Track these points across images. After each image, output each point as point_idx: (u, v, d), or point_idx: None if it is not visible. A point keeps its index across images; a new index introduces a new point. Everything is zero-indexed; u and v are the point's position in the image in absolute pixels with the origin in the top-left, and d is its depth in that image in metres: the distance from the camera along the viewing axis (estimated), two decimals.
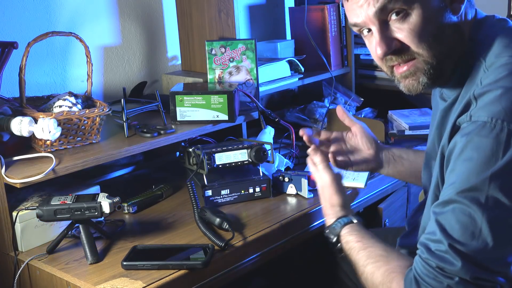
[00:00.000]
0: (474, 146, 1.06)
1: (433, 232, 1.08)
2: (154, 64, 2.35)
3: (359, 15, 1.19)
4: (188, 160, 1.96)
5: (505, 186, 1.02)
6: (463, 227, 1.04)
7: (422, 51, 1.18)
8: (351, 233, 1.30)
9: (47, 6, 2.00)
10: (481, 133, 1.05)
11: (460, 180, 1.06)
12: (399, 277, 1.12)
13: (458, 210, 1.05)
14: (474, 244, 1.03)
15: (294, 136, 2.16)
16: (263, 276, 2.12)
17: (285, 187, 1.88)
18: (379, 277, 1.16)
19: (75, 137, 1.72)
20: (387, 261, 1.18)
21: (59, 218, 1.52)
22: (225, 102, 1.91)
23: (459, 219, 1.04)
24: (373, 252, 1.21)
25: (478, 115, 1.08)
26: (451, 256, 1.04)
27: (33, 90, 1.95)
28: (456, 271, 1.03)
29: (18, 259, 1.56)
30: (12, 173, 1.55)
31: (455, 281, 1.03)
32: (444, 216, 1.06)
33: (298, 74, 2.37)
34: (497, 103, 1.07)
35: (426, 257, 1.07)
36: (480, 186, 1.03)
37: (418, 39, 1.17)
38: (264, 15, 2.68)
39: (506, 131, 1.03)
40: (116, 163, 2.15)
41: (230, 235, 1.58)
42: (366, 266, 1.20)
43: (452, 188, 1.06)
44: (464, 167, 1.06)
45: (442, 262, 1.04)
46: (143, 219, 1.77)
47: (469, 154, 1.06)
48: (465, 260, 1.03)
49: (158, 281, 1.40)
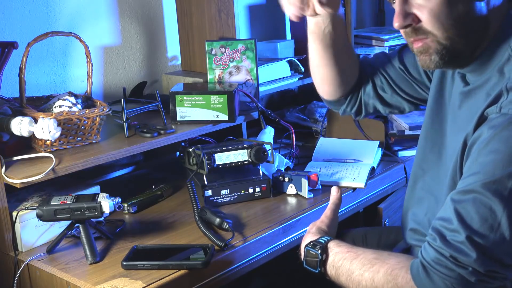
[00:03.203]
0: (502, 139, 1.04)
1: (449, 220, 1.07)
2: (154, 64, 2.35)
3: None
4: (188, 160, 1.96)
5: None
6: (482, 219, 1.03)
7: (437, 31, 1.16)
8: (339, 244, 1.27)
9: (47, 6, 2.00)
10: (510, 127, 1.04)
11: (484, 171, 1.04)
12: (402, 272, 1.12)
13: (479, 201, 1.04)
14: (492, 237, 1.02)
15: (294, 136, 2.16)
16: (263, 276, 2.12)
17: (285, 187, 1.88)
18: (381, 279, 1.14)
19: (75, 137, 1.72)
20: (383, 262, 1.16)
21: (59, 218, 1.52)
22: (225, 102, 1.91)
23: (479, 210, 1.03)
24: (366, 258, 1.19)
25: (508, 108, 1.06)
26: (467, 247, 1.03)
27: (33, 90, 1.95)
28: (470, 262, 1.03)
29: (18, 259, 1.56)
30: (12, 173, 1.55)
31: (468, 271, 1.03)
32: (464, 205, 1.05)
33: (298, 74, 2.37)
34: None
35: (439, 245, 1.06)
36: (505, 180, 1.02)
37: (436, 19, 1.15)
38: (264, 15, 2.68)
39: None
40: (116, 163, 2.15)
41: (230, 235, 1.58)
42: (363, 274, 1.17)
43: (475, 178, 1.05)
44: (490, 159, 1.05)
45: (457, 252, 1.04)
46: (143, 219, 1.77)
47: (496, 146, 1.04)
48: (480, 252, 1.02)
49: (158, 281, 1.41)
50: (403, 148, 2.26)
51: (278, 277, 2.12)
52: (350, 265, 1.20)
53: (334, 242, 1.28)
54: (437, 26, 1.16)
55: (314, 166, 2.07)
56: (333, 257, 1.25)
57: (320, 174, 1.94)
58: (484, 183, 1.04)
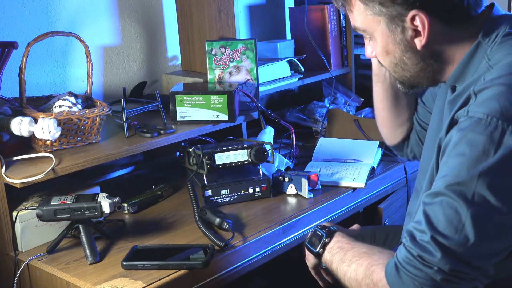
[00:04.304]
0: (468, 142, 1.07)
1: (419, 221, 1.10)
2: (154, 64, 2.35)
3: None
4: (188, 160, 1.96)
5: (493, 185, 1.04)
6: (448, 221, 1.05)
7: (388, 68, 1.30)
8: (343, 235, 1.32)
9: (47, 6, 2.00)
10: (475, 130, 1.07)
11: (450, 174, 1.07)
12: (379, 269, 1.15)
13: (446, 203, 1.06)
14: (456, 238, 1.04)
15: (294, 136, 2.16)
16: (263, 276, 2.12)
17: (285, 187, 1.88)
18: (361, 272, 1.18)
19: (75, 137, 1.72)
20: (369, 256, 1.20)
21: (59, 218, 1.52)
22: (225, 102, 1.91)
23: (445, 212, 1.06)
24: (358, 251, 1.23)
25: (475, 111, 1.09)
26: (432, 247, 1.05)
27: (33, 90, 1.95)
28: (435, 261, 1.05)
29: (18, 259, 1.56)
30: (12, 173, 1.55)
31: (434, 270, 1.05)
32: (432, 207, 1.08)
33: (298, 74, 2.37)
34: (494, 101, 1.08)
35: (409, 245, 1.09)
36: (468, 182, 1.05)
37: (383, 62, 1.29)
38: (264, 15, 2.68)
39: (500, 130, 1.05)
40: (116, 163, 2.15)
41: (230, 235, 1.58)
42: (350, 265, 1.22)
43: (443, 181, 1.08)
44: (456, 162, 1.07)
45: (423, 251, 1.06)
46: (143, 219, 1.77)
47: (462, 149, 1.07)
48: (444, 252, 1.05)
49: (158, 281, 1.41)
50: None
51: (278, 277, 2.12)
52: (343, 255, 1.25)
53: (341, 233, 1.34)
54: (387, 66, 1.29)
55: (314, 166, 2.07)
56: (333, 243, 1.30)
57: (320, 174, 1.94)
58: (450, 185, 1.06)
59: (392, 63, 1.27)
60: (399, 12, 1.18)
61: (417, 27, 1.19)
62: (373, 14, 1.21)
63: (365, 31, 1.26)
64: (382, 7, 1.19)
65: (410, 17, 1.18)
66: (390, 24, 1.21)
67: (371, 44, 1.30)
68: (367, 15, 1.23)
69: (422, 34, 1.19)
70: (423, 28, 1.18)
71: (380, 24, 1.22)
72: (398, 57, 1.24)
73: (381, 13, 1.20)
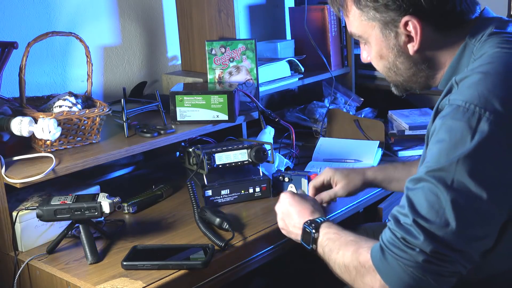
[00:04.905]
0: (447, 129, 1.10)
1: (403, 206, 1.13)
2: (154, 64, 2.35)
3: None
4: (188, 160, 1.96)
5: (471, 171, 1.06)
6: (429, 205, 1.08)
7: (382, 72, 1.33)
8: (330, 226, 1.36)
9: (47, 6, 2.00)
10: (454, 116, 1.10)
11: (431, 160, 1.11)
12: (365, 251, 1.19)
13: (427, 188, 1.09)
14: (437, 222, 1.07)
15: (294, 136, 2.16)
16: (263, 276, 2.12)
17: (285, 187, 1.88)
18: (348, 257, 1.22)
19: (75, 137, 1.72)
20: (356, 243, 1.24)
21: (59, 218, 1.52)
22: (225, 102, 1.91)
23: (426, 197, 1.09)
24: (346, 239, 1.28)
25: (454, 98, 1.12)
26: (415, 230, 1.09)
27: (33, 90, 1.95)
28: (418, 243, 1.08)
29: (18, 259, 1.56)
30: (12, 173, 1.55)
31: (416, 252, 1.08)
32: (414, 192, 1.11)
33: (298, 74, 2.37)
34: (473, 88, 1.11)
35: (393, 228, 1.12)
36: (448, 168, 1.07)
37: (377, 66, 1.33)
38: (264, 15, 2.68)
39: (477, 116, 1.07)
40: (116, 163, 2.15)
41: (230, 235, 1.58)
42: (338, 252, 1.26)
43: (425, 167, 1.11)
44: (436, 148, 1.11)
45: (407, 234, 1.10)
46: (143, 219, 1.77)
47: (442, 136, 1.10)
48: (426, 235, 1.08)
49: (158, 281, 1.41)
50: (403, 148, 2.26)
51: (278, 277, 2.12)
52: (332, 245, 1.29)
53: (326, 224, 1.37)
54: (381, 70, 1.33)
55: (314, 166, 2.07)
56: (322, 236, 1.35)
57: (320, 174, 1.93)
58: (431, 171, 1.09)
59: (385, 67, 1.31)
60: (392, 18, 1.22)
61: (410, 32, 1.23)
62: (368, 20, 1.26)
63: (360, 36, 1.31)
64: (377, 13, 1.23)
65: (403, 23, 1.22)
66: (384, 29, 1.25)
67: (366, 49, 1.34)
68: (362, 20, 1.27)
69: (414, 39, 1.23)
70: (416, 34, 1.22)
71: (375, 29, 1.26)
72: (391, 62, 1.29)
73: (375, 18, 1.25)
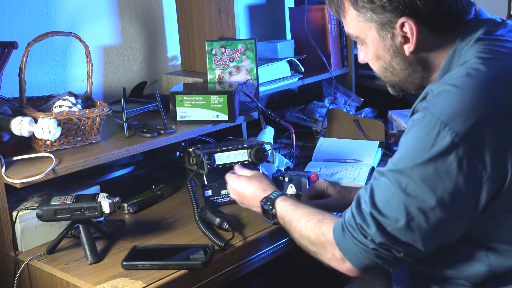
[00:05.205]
0: (411, 135, 1.16)
1: (367, 190, 1.20)
2: (154, 64, 2.35)
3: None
4: (188, 160, 1.96)
5: (424, 179, 1.12)
6: (386, 200, 1.16)
7: (378, 73, 1.36)
8: (285, 199, 1.47)
9: (47, 6, 2.00)
10: (419, 125, 1.14)
11: (394, 160, 1.18)
12: (329, 223, 1.27)
13: (387, 185, 1.16)
14: (390, 217, 1.15)
15: (294, 136, 2.16)
16: (263, 276, 2.12)
17: (285, 187, 1.88)
18: (312, 223, 1.31)
19: (75, 137, 1.72)
20: (319, 214, 1.34)
21: (59, 218, 1.52)
22: (225, 102, 1.91)
23: (385, 192, 1.16)
24: (306, 210, 1.37)
25: (425, 107, 1.16)
26: (370, 220, 1.17)
27: (33, 90, 1.95)
28: (370, 233, 1.17)
29: (18, 259, 1.56)
30: (12, 173, 1.55)
31: (368, 240, 1.17)
32: (377, 183, 1.19)
33: (298, 74, 2.37)
34: (441, 100, 1.15)
35: (354, 211, 1.20)
36: (404, 172, 1.14)
37: (373, 66, 1.36)
38: (264, 15, 2.68)
39: (437, 129, 1.11)
40: (116, 163, 2.15)
41: (230, 235, 1.58)
42: (299, 220, 1.35)
43: (389, 163, 1.19)
44: (401, 150, 1.18)
45: (363, 221, 1.18)
46: (143, 219, 1.77)
47: (406, 140, 1.17)
48: (378, 227, 1.16)
49: (158, 281, 1.41)
50: None
51: (278, 277, 2.12)
52: (292, 214, 1.40)
53: (280, 198, 1.48)
54: (377, 70, 1.36)
55: (314, 166, 2.07)
56: (279, 210, 1.45)
57: (320, 174, 1.94)
58: (391, 170, 1.17)
59: (382, 67, 1.33)
60: (389, 19, 1.24)
61: (406, 34, 1.25)
62: (365, 21, 1.28)
63: (357, 37, 1.33)
64: (373, 14, 1.25)
65: (400, 24, 1.24)
66: (381, 30, 1.27)
67: (363, 50, 1.36)
68: (359, 21, 1.29)
69: (411, 40, 1.25)
70: (412, 35, 1.24)
71: (371, 30, 1.28)
72: (387, 62, 1.31)
73: (372, 19, 1.27)
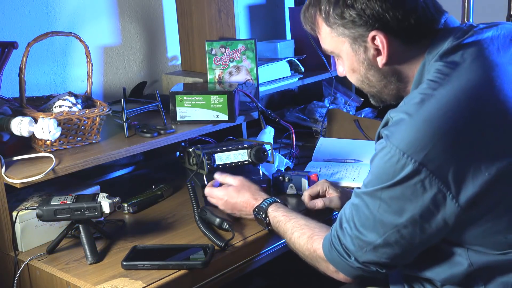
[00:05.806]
0: (377, 160, 1.21)
1: (346, 212, 1.28)
2: (154, 64, 2.35)
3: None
4: (188, 160, 1.96)
5: (391, 203, 1.19)
6: (362, 221, 1.23)
7: (357, 86, 1.40)
8: (276, 209, 1.55)
9: (47, 6, 2.00)
10: (382, 152, 1.19)
11: (366, 181, 1.24)
12: (319, 239, 1.36)
13: (361, 206, 1.24)
14: (369, 236, 1.23)
15: (294, 136, 2.16)
16: (263, 276, 2.12)
17: (285, 187, 1.88)
18: (304, 239, 1.40)
19: (75, 137, 1.72)
20: (310, 228, 1.42)
21: (59, 218, 1.52)
22: (225, 102, 1.91)
23: (361, 213, 1.24)
24: (297, 222, 1.46)
25: (385, 134, 1.19)
26: (350, 241, 1.25)
27: (33, 90, 1.95)
28: (352, 253, 1.26)
29: (18, 259, 1.56)
30: (12, 173, 1.55)
31: (352, 260, 1.26)
32: (355, 204, 1.26)
33: (298, 74, 2.37)
34: (398, 129, 1.18)
35: (338, 230, 1.28)
36: (375, 194, 1.21)
37: (351, 79, 1.40)
38: (264, 15, 2.68)
39: (398, 157, 1.15)
40: (116, 163, 2.15)
41: (230, 235, 1.58)
42: (293, 233, 1.45)
43: (363, 185, 1.25)
44: (370, 172, 1.23)
45: (345, 241, 1.26)
46: (143, 219, 1.77)
47: (374, 164, 1.22)
48: (359, 247, 1.24)
49: (158, 281, 1.41)
50: None
51: (278, 277, 2.12)
52: (284, 227, 1.49)
53: (272, 207, 1.57)
54: (354, 82, 1.40)
55: (314, 166, 2.07)
56: (272, 220, 1.55)
57: (320, 174, 1.94)
58: (364, 192, 1.23)
59: (358, 80, 1.37)
60: (360, 33, 1.27)
61: (378, 46, 1.28)
62: (338, 36, 1.31)
63: (333, 52, 1.36)
64: (345, 29, 1.28)
65: (371, 37, 1.26)
66: (354, 44, 1.30)
67: (340, 63, 1.39)
68: (333, 36, 1.32)
69: (382, 53, 1.28)
70: (383, 47, 1.27)
71: (345, 44, 1.31)
72: (363, 75, 1.35)
73: (344, 34, 1.29)
